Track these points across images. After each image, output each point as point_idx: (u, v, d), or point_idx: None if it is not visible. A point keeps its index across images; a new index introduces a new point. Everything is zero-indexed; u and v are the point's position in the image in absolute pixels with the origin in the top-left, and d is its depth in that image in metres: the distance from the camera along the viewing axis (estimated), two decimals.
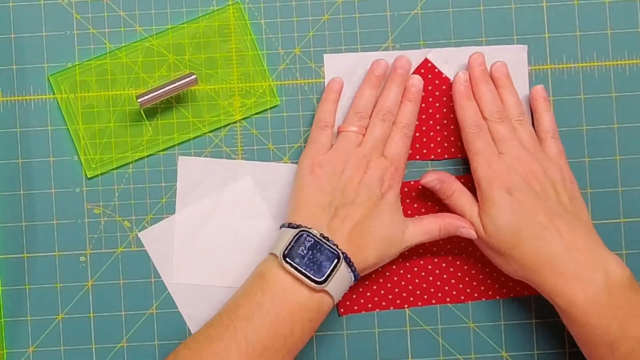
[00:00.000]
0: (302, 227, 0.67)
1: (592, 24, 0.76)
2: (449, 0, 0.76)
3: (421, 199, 0.75)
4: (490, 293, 0.75)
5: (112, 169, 0.75)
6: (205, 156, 0.75)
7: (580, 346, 0.68)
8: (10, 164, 0.75)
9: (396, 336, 0.75)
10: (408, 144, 0.73)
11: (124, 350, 0.74)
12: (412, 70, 0.75)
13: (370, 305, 0.75)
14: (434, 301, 0.75)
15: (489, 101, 0.73)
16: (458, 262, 0.75)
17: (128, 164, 0.75)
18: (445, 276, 0.75)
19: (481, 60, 0.74)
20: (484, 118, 0.72)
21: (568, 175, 0.72)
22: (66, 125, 0.75)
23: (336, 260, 0.66)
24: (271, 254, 0.68)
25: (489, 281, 0.75)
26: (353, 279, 0.68)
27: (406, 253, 0.74)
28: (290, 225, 0.68)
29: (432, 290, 0.75)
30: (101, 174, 0.75)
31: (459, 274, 0.75)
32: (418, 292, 0.75)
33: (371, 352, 0.75)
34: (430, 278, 0.75)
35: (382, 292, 0.75)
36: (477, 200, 0.72)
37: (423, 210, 0.75)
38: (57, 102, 0.75)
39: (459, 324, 0.75)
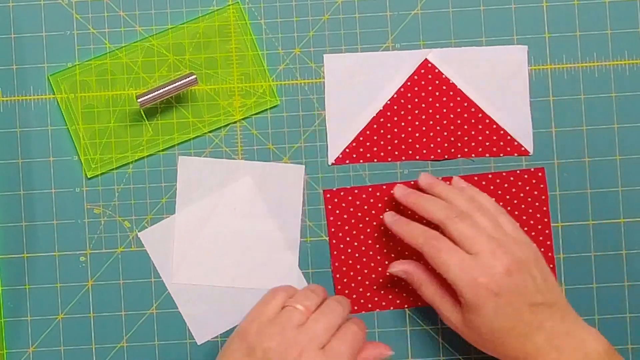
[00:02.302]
0: None
1: (592, 24, 0.76)
2: (449, 0, 0.76)
3: None
4: None
5: (112, 169, 0.75)
6: (205, 156, 0.75)
7: None
8: (10, 164, 0.75)
9: (396, 336, 0.75)
10: (355, 347, 0.64)
11: (124, 350, 0.74)
12: (412, 71, 0.75)
13: (370, 305, 0.75)
14: None
15: (440, 204, 0.69)
16: None
17: (128, 164, 0.75)
18: None
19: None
20: (439, 225, 0.68)
21: (535, 251, 0.67)
22: (66, 125, 0.75)
23: None
24: None
25: None
26: None
27: (406, 253, 0.74)
28: None
29: None
30: (101, 174, 0.75)
31: None
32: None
33: None
34: None
35: (382, 292, 0.75)
36: (447, 293, 0.68)
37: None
38: (57, 102, 0.75)
39: None
